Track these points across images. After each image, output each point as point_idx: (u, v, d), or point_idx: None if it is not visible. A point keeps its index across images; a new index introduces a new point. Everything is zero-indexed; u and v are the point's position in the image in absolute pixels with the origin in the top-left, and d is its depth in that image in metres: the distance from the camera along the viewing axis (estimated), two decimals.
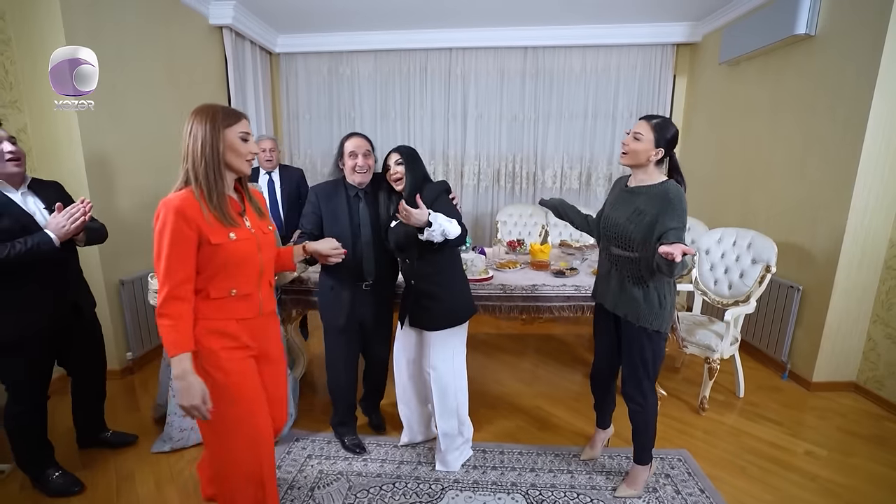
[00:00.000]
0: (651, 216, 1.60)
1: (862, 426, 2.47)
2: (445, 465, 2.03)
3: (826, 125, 2.73)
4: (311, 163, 4.89)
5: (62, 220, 1.64)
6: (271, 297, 1.53)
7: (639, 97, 4.36)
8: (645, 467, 1.90)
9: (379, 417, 2.36)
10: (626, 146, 1.69)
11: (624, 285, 1.71)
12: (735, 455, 2.19)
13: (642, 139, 1.66)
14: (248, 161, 1.38)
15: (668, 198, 1.59)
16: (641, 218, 1.63)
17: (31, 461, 1.85)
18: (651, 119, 1.68)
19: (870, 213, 2.56)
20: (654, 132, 1.64)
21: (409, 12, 3.91)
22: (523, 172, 4.63)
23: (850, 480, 2.03)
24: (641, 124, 1.68)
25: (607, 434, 2.17)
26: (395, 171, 1.87)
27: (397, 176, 1.87)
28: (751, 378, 2.90)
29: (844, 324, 2.71)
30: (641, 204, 1.65)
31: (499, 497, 1.89)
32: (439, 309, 1.88)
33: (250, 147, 1.37)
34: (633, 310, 1.69)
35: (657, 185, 1.65)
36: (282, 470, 2.04)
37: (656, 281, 1.66)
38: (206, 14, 3.70)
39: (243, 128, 1.36)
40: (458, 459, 2.05)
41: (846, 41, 2.61)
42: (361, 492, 1.91)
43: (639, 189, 1.70)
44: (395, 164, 1.88)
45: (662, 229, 1.56)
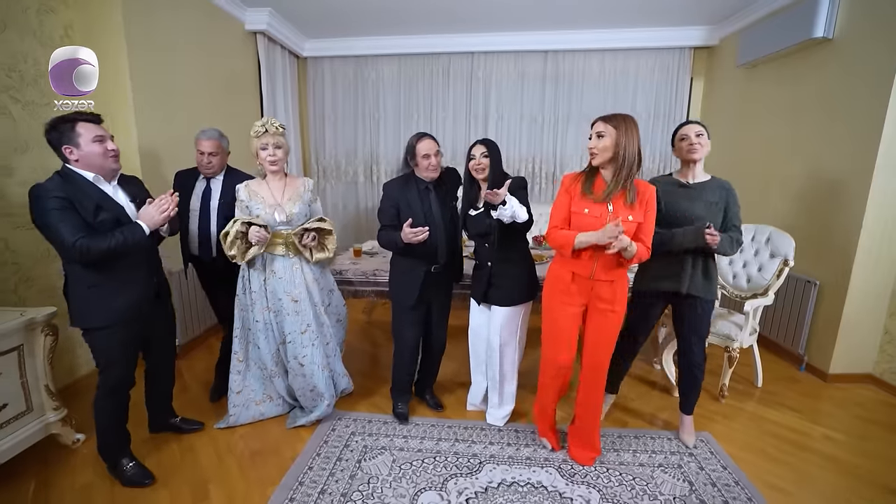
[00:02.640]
0: (721, 204, 2.02)
1: (879, 414, 2.56)
2: (494, 420, 2.39)
3: (844, 126, 2.83)
4: (335, 163, 5.07)
5: (153, 211, 1.76)
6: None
7: (656, 100, 4.48)
8: (692, 416, 2.28)
9: (435, 398, 2.57)
10: (697, 144, 2.01)
11: (707, 268, 2.05)
12: (755, 438, 2.31)
13: (703, 135, 2.02)
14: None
15: (729, 187, 2.05)
16: (717, 207, 2.01)
17: (111, 449, 1.94)
18: (695, 122, 2.06)
19: (886, 210, 2.66)
20: (706, 131, 2.03)
21: (433, 18, 4.07)
22: (543, 173, 4.76)
23: (868, 462, 2.14)
24: (697, 126, 2.03)
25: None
26: (480, 161, 2.07)
27: (482, 166, 2.07)
28: (769, 370, 2.99)
29: (861, 317, 2.81)
30: (710, 196, 2.02)
31: (533, 470, 2.02)
32: (511, 287, 2.16)
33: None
34: (708, 287, 2.05)
35: (714, 180, 2.06)
36: (328, 445, 2.19)
37: (713, 258, 2.08)
38: (242, 20, 3.90)
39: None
40: (504, 417, 2.40)
41: (864, 44, 2.72)
42: (405, 464, 2.06)
43: (701, 185, 2.05)
44: (482, 155, 2.07)
45: (732, 213, 2.04)
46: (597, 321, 1.95)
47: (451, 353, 2.68)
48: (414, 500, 1.84)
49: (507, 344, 2.24)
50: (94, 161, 1.71)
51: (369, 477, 1.97)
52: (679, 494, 1.89)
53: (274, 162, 2.13)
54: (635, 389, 2.79)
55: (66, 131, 1.67)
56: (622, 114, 1.78)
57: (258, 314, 2.24)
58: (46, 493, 1.87)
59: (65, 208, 1.62)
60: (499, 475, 1.99)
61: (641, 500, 1.86)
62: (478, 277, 2.24)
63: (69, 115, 1.70)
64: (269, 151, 2.12)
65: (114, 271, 1.76)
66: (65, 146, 1.68)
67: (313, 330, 2.26)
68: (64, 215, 1.62)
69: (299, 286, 2.22)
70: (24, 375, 1.95)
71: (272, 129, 2.10)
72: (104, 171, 1.76)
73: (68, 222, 1.62)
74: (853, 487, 1.97)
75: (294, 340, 2.23)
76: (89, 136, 1.69)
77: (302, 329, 2.23)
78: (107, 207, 1.73)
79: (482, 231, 2.10)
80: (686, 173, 2.07)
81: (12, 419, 1.90)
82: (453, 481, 1.95)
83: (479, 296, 2.24)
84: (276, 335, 2.26)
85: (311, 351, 2.25)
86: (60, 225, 1.61)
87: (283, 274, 2.20)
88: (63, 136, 1.67)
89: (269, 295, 2.21)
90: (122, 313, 1.79)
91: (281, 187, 2.20)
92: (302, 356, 2.24)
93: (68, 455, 2.11)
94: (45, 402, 2.04)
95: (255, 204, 2.14)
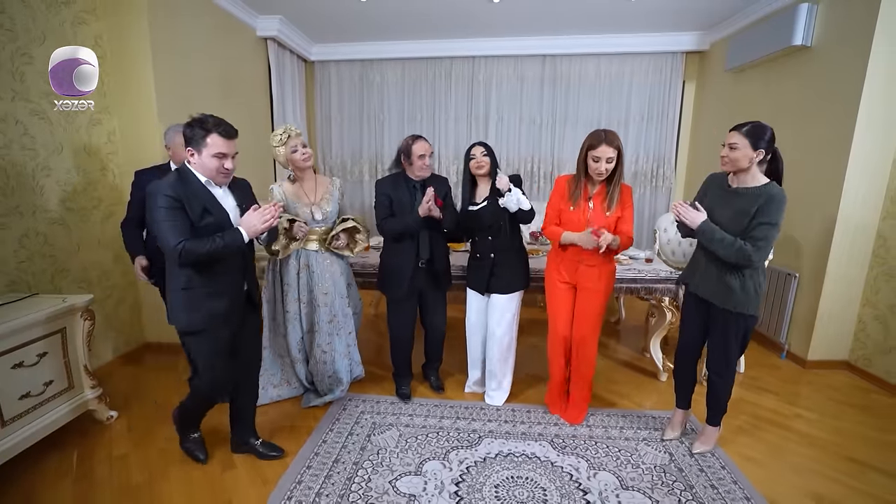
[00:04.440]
0: (751, 214, 1.77)
1: (852, 397, 2.75)
2: (494, 401, 2.57)
3: (820, 128, 3.02)
4: (341, 163, 5.28)
5: (256, 220, 1.74)
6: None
7: (650, 102, 4.67)
8: (716, 428, 2.15)
9: (438, 380, 2.76)
10: (725, 157, 1.85)
11: (721, 276, 1.89)
12: (733, 416, 2.48)
13: (738, 147, 1.80)
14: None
15: (773, 197, 1.74)
16: (743, 218, 1.79)
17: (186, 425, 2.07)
18: (741, 127, 1.82)
19: (858, 207, 2.85)
20: (746, 138, 1.78)
21: (435, 23, 4.27)
22: (541, 172, 4.95)
23: (837, 437, 2.33)
24: (733, 134, 1.82)
25: (687, 415, 2.29)
26: (480, 160, 2.30)
27: (482, 164, 2.30)
28: (752, 357, 3.18)
29: (836, 307, 3.00)
30: (744, 205, 1.80)
31: (527, 443, 2.22)
32: (510, 276, 2.38)
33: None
34: (728, 297, 1.87)
35: (760, 188, 1.80)
36: (341, 422, 2.39)
37: (751, 270, 1.85)
38: (254, 27, 4.10)
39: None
40: (502, 398, 2.59)
41: (838, 52, 2.91)
42: (411, 438, 2.26)
43: (742, 190, 1.84)
44: (482, 154, 2.30)
45: (756, 222, 1.75)
46: (582, 299, 2.25)
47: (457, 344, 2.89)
48: (419, 468, 2.04)
49: (506, 331, 2.44)
50: (208, 173, 1.73)
51: (378, 449, 2.17)
52: (660, 464, 2.09)
53: (307, 159, 2.32)
54: (625, 375, 2.99)
55: (198, 136, 1.68)
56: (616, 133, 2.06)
57: (290, 305, 2.42)
58: (89, 462, 2.07)
59: (173, 208, 1.64)
60: (496, 447, 2.19)
61: (625, 468, 2.05)
62: (478, 269, 2.42)
63: (210, 122, 1.70)
64: (301, 151, 2.29)
65: (208, 275, 1.76)
66: (189, 148, 1.71)
67: (339, 320, 2.47)
68: (171, 215, 1.63)
69: (329, 280, 2.42)
70: (66, 355, 2.16)
71: (293, 132, 2.29)
72: (215, 181, 1.78)
73: (175, 224, 1.64)
74: (819, 458, 2.16)
75: (321, 330, 2.43)
76: (213, 151, 1.69)
77: (329, 319, 2.43)
78: (213, 211, 1.74)
79: (488, 223, 2.31)
80: (733, 177, 1.92)
81: (57, 395, 2.11)
82: (454, 453, 2.15)
83: (482, 286, 2.43)
84: (304, 325, 2.46)
85: (335, 340, 2.47)
86: (167, 225, 1.63)
87: (316, 268, 2.39)
88: (193, 139, 1.69)
89: (302, 287, 2.40)
90: (212, 319, 1.78)
91: (313, 187, 2.38)
92: (326, 344, 2.44)
93: (104, 429, 2.31)
94: (84, 381, 2.25)
95: (294, 204, 2.32)
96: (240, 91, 3.91)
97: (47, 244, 2.53)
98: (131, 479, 1.96)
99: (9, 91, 2.30)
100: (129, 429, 2.31)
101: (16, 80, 2.33)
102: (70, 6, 2.60)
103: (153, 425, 2.34)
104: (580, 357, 2.32)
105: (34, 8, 2.41)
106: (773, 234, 1.76)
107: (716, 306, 1.94)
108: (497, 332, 2.43)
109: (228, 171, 1.76)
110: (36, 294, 2.24)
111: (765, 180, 1.84)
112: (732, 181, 1.91)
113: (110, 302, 2.95)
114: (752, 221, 1.77)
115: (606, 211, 2.12)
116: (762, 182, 1.83)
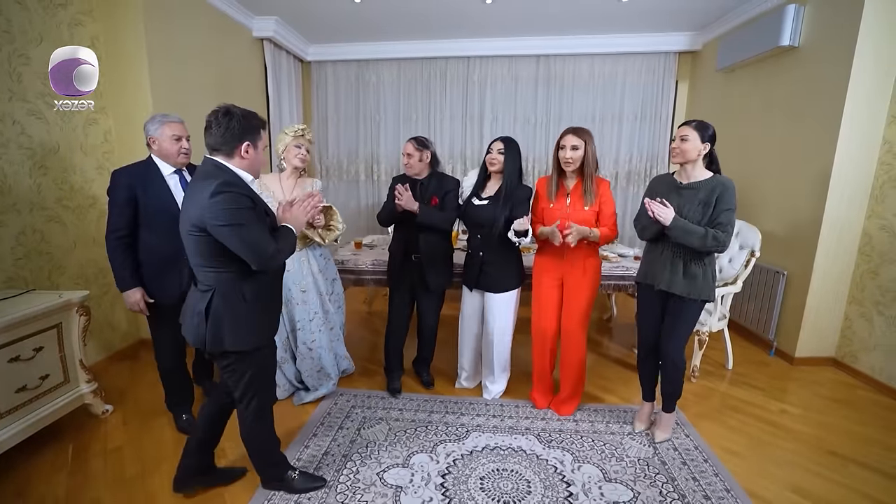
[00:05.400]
0: (712, 204, 1.92)
1: (837, 393, 2.79)
2: (491, 394, 2.63)
3: (807, 127, 3.06)
4: (338, 162, 5.33)
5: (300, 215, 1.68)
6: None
7: (643, 102, 4.71)
8: (673, 414, 2.26)
9: (429, 375, 2.80)
10: (677, 148, 1.97)
11: (687, 267, 1.99)
12: (718, 411, 2.54)
13: (688, 139, 1.94)
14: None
15: (727, 186, 1.91)
16: (707, 209, 1.93)
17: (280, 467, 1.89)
18: (691, 122, 1.97)
19: (844, 205, 2.89)
20: (697, 132, 1.93)
21: (430, 24, 4.31)
22: (535, 171, 4.99)
23: (818, 431, 2.37)
24: (685, 128, 1.96)
25: (653, 407, 2.36)
26: (495, 157, 2.28)
27: (495, 161, 2.28)
28: (740, 355, 3.22)
29: (823, 305, 3.03)
30: (702, 196, 1.93)
31: (514, 437, 2.26)
32: (501, 275, 2.39)
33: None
34: (692, 287, 1.98)
35: (712, 179, 1.96)
36: (331, 416, 2.43)
37: (709, 258, 2.00)
38: (250, 28, 4.15)
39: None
40: (499, 391, 2.65)
41: (823, 52, 2.94)
42: (400, 432, 2.30)
43: (695, 185, 1.97)
44: (497, 151, 2.28)
45: (719, 210, 1.90)
46: (569, 292, 2.30)
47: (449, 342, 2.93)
48: (407, 460, 2.08)
49: (503, 329, 2.47)
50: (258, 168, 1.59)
51: (367, 442, 2.21)
52: (643, 457, 2.13)
53: (304, 160, 2.39)
54: (614, 371, 3.02)
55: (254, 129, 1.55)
56: (584, 128, 2.16)
57: None
58: (84, 455, 2.11)
59: (253, 209, 1.45)
60: (483, 441, 2.23)
61: (609, 461, 2.09)
62: (470, 265, 2.47)
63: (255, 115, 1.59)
64: (302, 151, 2.37)
65: (266, 282, 1.61)
66: (246, 142, 1.52)
67: (320, 317, 2.50)
68: (256, 216, 1.46)
69: (307, 277, 2.45)
70: (62, 350, 2.20)
71: (309, 135, 2.39)
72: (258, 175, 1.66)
73: (264, 226, 1.48)
74: (800, 451, 2.20)
75: (304, 327, 2.47)
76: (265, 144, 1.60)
77: (310, 317, 2.47)
78: (269, 211, 1.59)
79: (479, 221, 2.34)
80: (681, 173, 2.05)
81: (53, 388, 2.15)
82: (442, 446, 2.19)
83: (471, 282, 2.47)
84: (287, 324, 2.49)
85: (319, 336, 2.50)
86: (258, 228, 1.44)
87: (292, 266, 2.42)
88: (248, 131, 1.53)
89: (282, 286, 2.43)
90: (274, 330, 1.68)
91: (291, 185, 2.42)
92: (311, 341, 2.48)
93: (99, 423, 2.35)
94: (80, 375, 2.29)
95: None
96: (236, 91, 3.95)
97: (44, 241, 2.57)
98: (126, 472, 2.00)
99: (6, 92, 2.34)
100: (123, 422, 2.35)
101: (13, 80, 2.37)
102: (67, 8, 2.65)
103: (148, 419, 2.38)
104: (568, 350, 2.36)
105: (31, 10, 2.45)
106: (733, 218, 1.93)
107: (674, 298, 2.04)
108: (494, 331, 2.47)
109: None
110: (33, 290, 2.29)
111: (710, 173, 2.00)
112: (681, 177, 2.05)
113: (107, 298, 3.00)
114: (713, 210, 1.92)
115: (585, 205, 2.18)
116: (709, 174, 1.99)
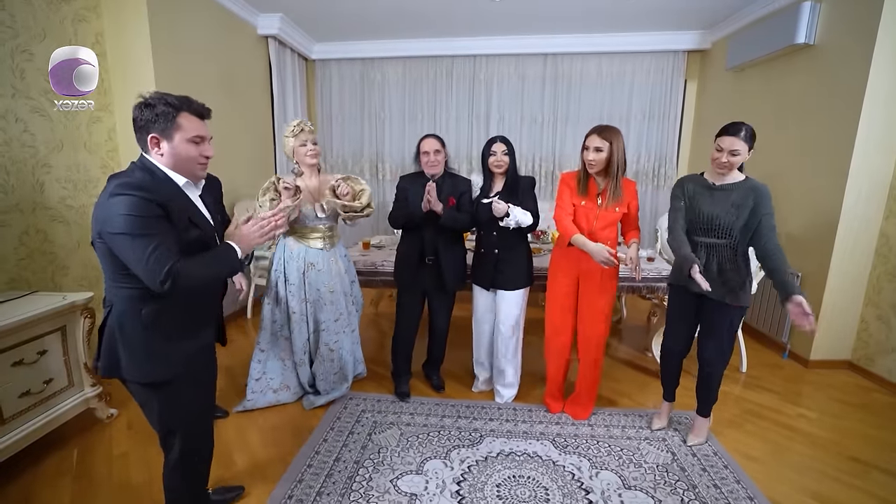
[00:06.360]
0: (749, 207, 1.88)
1: (853, 396, 2.74)
2: (502, 398, 2.57)
3: (823, 127, 3.01)
4: (342, 161, 5.27)
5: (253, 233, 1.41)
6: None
7: (651, 101, 4.66)
8: (707, 419, 2.22)
9: (439, 379, 2.75)
10: (726, 163, 1.88)
11: (723, 272, 1.96)
12: (735, 415, 2.49)
13: (740, 153, 1.86)
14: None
15: (763, 193, 1.88)
16: (741, 211, 1.90)
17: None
18: (738, 133, 1.85)
19: (861, 205, 2.84)
20: (746, 143, 1.86)
21: (436, 22, 4.25)
22: (542, 171, 4.94)
23: (837, 436, 2.32)
24: (734, 140, 1.84)
25: (672, 406, 2.37)
26: (500, 159, 2.27)
27: (501, 163, 2.28)
28: (754, 357, 3.17)
29: (839, 307, 2.99)
30: (737, 199, 1.91)
31: (529, 442, 2.21)
32: (513, 273, 2.36)
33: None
34: (736, 294, 1.95)
35: (746, 182, 1.93)
36: (341, 420, 2.38)
37: (744, 262, 1.96)
38: (255, 25, 4.09)
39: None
40: (512, 395, 2.60)
41: (841, 50, 2.90)
42: (412, 437, 2.25)
43: (729, 186, 1.94)
44: (502, 153, 2.27)
45: (759, 216, 1.86)
46: (587, 298, 2.25)
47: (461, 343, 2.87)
48: (420, 466, 2.03)
49: (514, 328, 2.43)
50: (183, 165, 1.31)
51: (379, 447, 2.16)
52: (662, 463, 2.08)
53: (315, 156, 2.32)
54: (626, 374, 2.98)
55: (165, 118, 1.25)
56: (612, 126, 2.07)
57: (295, 305, 2.37)
58: (90, 459, 2.06)
59: (155, 217, 1.20)
60: (498, 446, 2.18)
61: (627, 468, 2.04)
62: (483, 264, 2.42)
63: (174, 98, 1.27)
64: (309, 147, 2.29)
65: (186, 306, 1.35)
66: (152, 135, 1.26)
67: (344, 318, 2.47)
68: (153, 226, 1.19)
69: (335, 277, 2.42)
70: (66, 353, 2.15)
71: (307, 127, 2.29)
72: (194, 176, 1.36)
73: (163, 238, 1.19)
74: (820, 457, 2.15)
75: (328, 328, 2.42)
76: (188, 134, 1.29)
77: (335, 317, 2.43)
78: (198, 221, 1.34)
79: (490, 217, 2.28)
80: (715, 175, 2.00)
81: (57, 392, 2.10)
82: (456, 452, 2.14)
83: (486, 282, 2.42)
84: (310, 324, 2.44)
85: (342, 337, 2.47)
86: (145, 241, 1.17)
87: (322, 266, 2.38)
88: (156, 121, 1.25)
89: (308, 286, 2.37)
90: (189, 363, 1.37)
91: (317, 184, 2.37)
92: (333, 342, 2.44)
93: (104, 427, 2.30)
94: (84, 379, 2.24)
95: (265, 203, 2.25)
96: (240, 89, 3.90)
97: (47, 241, 2.52)
98: (131, 478, 1.96)
99: (9, 88, 2.29)
100: (128, 427, 2.30)
101: (16, 76, 2.32)
102: (71, 3, 2.59)
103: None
104: (588, 356, 2.32)
105: (35, 5, 2.39)
106: (774, 221, 1.91)
107: (710, 302, 2.01)
108: (505, 330, 2.43)
109: (207, 160, 1.37)
110: (36, 292, 2.23)
111: (742, 175, 1.98)
112: (716, 179, 2.00)
113: None
114: (750, 214, 1.90)
115: (616, 207, 2.13)
116: (742, 177, 1.97)
